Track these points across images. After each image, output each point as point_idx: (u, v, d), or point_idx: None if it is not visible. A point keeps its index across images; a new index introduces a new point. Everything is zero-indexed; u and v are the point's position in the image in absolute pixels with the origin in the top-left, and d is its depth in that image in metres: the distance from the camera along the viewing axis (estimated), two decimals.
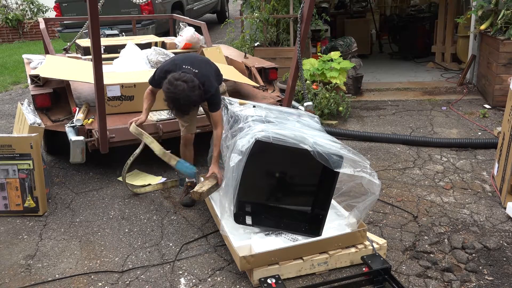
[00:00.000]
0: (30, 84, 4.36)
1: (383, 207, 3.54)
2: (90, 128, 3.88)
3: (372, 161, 4.34)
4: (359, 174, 2.68)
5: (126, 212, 3.64)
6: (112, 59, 5.25)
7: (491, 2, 5.82)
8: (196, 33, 5.94)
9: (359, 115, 5.68)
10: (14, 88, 8.06)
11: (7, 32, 13.27)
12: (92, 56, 3.22)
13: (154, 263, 2.98)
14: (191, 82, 3.08)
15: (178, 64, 3.32)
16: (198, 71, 3.27)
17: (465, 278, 2.70)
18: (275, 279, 2.63)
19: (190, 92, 3.05)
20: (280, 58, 6.35)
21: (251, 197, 2.98)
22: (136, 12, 8.70)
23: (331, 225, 2.94)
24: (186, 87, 3.04)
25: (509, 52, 5.38)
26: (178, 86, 3.04)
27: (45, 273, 2.93)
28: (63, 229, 3.43)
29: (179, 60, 3.43)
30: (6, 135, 3.84)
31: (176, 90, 3.04)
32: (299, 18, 3.83)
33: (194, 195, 3.19)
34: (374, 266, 2.71)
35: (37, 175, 3.58)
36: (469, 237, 3.11)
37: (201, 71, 3.28)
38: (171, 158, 3.52)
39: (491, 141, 4.48)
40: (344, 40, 6.79)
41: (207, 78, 3.27)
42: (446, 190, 3.76)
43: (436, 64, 7.85)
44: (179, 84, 3.05)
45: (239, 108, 3.27)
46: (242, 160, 2.66)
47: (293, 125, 3.02)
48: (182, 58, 3.47)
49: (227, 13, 14.04)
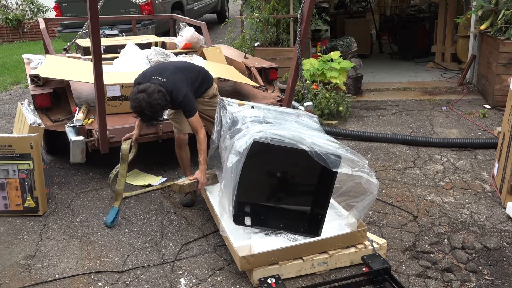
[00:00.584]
0: (30, 84, 4.35)
1: (383, 207, 3.54)
2: (90, 128, 3.88)
3: (372, 161, 4.34)
4: (357, 173, 2.68)
5: (126, 212, 3.64)
6: (112, 59, 5.25)
7: (491, 2, 5.82)
8: (196, 33, 5.94)
9: (359, 115, 5.68)
10: (14, 88, 8.06)
11: (7, 32, 13.26)
12: (92, 56, 3.22)
13: (154, 263, 2.98)
14: (148, 89, 3.12)
15: (147, 76, 3.35)
16: (166, 80, 3.29)
17: (465, 278, 2.71)
18: (275, 279, 2.63)
19: (149, 98, 3.09)
20: (280, 58, 6.34)
21: (250, 198, 2.98)
22: (136, 12, 8.69)
23: (331, 225, 2.94)
24: (145, 96, 3.09)
25: (509, 52, 5.38)
26: (137, 98, 3.11)
27: (45, 273, 2.93)
28: (63, 229, 3.43)
29: (149, 71, 3.46)
30: (6, 135, 3.83)
31: (137, 103, 3.11)
32: (299, 18, 3.83)
33: (175, 187, 3.43)
34: (374, 266, 2.71)
35: (37, 175, 3.58)
36: (469, 237, 3.11)
37: (169, 80, 3.29)
38: (117, 201, 3.52)
39: (491, 141, 4.48)
40: (344, 40, 6.79)
41: (175, 86, 3.28)
42: (446, 190, 3.76)
43: (436, 64, 7.85)
44: (138, 96, 3.11)
45: (237, 109, 3.27)
46: (240, 161, 2.67)
47: (291, 125, 3.02)
48: (152, 69, 3.50)
49: (227, 13, 14.04)
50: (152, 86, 3.15)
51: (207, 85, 3.64)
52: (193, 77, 3.50)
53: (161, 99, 3.14)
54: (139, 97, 3.10)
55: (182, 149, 3.67)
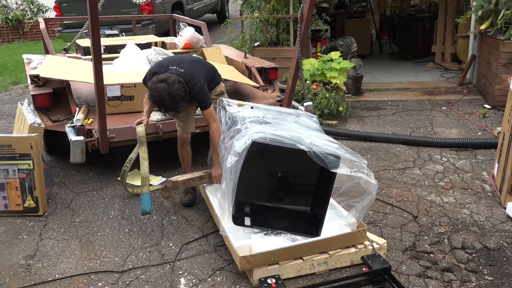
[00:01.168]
0: (30, 84, 4.35)
1: (383, 207, 3.55)
2: (90, 128, 3.88)
3: (372, 161, 4.34)
4: (356, 174, 2.68)
5: (126, 212, 3.64)
6: (112, 59, 5.25)
7: (491, 2, 5.82)
8: (196, 33, 5.94)
9: (359, 115, 5.68)
10: (14, 88, 8.06)
11: (7, 32, 13.26)
12: (92, 56, 3.22)
13: (154, 263, 2.98)
14: (169, 79, 3.13)
15: (165, 65, 3.36)
16: (184, 70, 3.30)
17: (465, 278, 2.71)
18: (275, 279, 2.63)
19: (170, 89, 3.10)
20: (280, 58, 6.34)
21: (249, 198, 2.98)
22: (136, 12, 8.70)
23: (331, 225, 2.94)
24: (165, 86, 3.10)
25: (509, 52, 5.38)
26: (158, 88, 3.11)
27: (45, 273, 2.93)
28: (63, 229, 3.43)
29: (165, 61, 3.47)
30: (6, 135, 3.83)
31: (157, 92, 3.11)
32: (299, 18, 3.83)
33: (169, 184, 3.45)
34: (374, 266, 2.71)
35: (37, 175, 3.58)
36: (469, 237, 3.11)
37: (186, 70, 3.31)
38: (145, 186, 3.42)
39: (491, 141, 4.48)
40: (344, 40, 6.79)
41: (192, 76, 3.30)
42: (446, 190, 3.76)
43: (436, 64, 7.85)
44: (158, 86, 3.11)
45: (237, 109, 3.27)
46: (239, 162, 2.67)
47: (291, 125, 3.02)
48: (169, 59, 3.51)
49: (227, 13, 14.04)
50: (173, 76, 3.16)
51: (216, 81, 3.67)
52: (205, 71, 3.53)
53: (181, 90, 3.16)
54: (159, 87, 3.10)
55: (184, 148, 3.68)
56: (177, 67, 3.31)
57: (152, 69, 3.46)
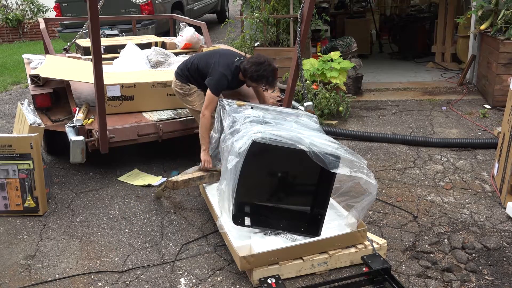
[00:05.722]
0: (30, 84, 4.35)
1: (383, 207, 3.55)
2: (90, 128, 3.88)
3: (372, 161, 4.34)
4: (356, 174, 2.68)
5: (126, 212, 3.64)
6: (112, 59, 5.25)
7: (491, 2, 5.82)
8: (196, 33, 5.94)
9: (359, 115, 5.68)
10: (14, 88, 8.06)
11: (7, 32, 13.27)
12: (92, 56, 3.22)
13: (154, 263, 2.98)
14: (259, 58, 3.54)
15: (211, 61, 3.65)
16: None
17: (465, 278, 2.71)
18: (275, 279, 2.63)
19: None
20: (280, 58, 6.34)
21: (249, 198, 2.98)
22: (136, 12, 8.70)
23: (331, 225, 2.94)
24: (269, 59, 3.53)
25: (509, 52, 5.38)
26: (266, 61, 3.48)
27: (45, 273, 2.93)
28: (63, 229, 3.43)
29: (212, 57, 3.72)
30: (6, 135, 3.83)
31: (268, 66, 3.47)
32: (299, 18, 3.83)
33: (168, 183, 3.46)
34: (374, 266, 2.71)
35: (37, 175, 3.58)
36: (469, 237, 3.11)
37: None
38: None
39: (491, 141, 4.48)
40: (344, 40, 6.79)
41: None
42: (446, 190, 3.76)
43: (436, 64, 7.85)
44: (265, 60, 3.49)
45: (237, 109, 3.27)
46: (239, 162, 2.67)
47: (291, 125, 3.02)
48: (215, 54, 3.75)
49: (227, 13, 14.03)
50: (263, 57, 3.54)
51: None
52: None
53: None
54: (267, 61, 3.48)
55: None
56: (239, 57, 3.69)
57: (197, 63, 3.75)
